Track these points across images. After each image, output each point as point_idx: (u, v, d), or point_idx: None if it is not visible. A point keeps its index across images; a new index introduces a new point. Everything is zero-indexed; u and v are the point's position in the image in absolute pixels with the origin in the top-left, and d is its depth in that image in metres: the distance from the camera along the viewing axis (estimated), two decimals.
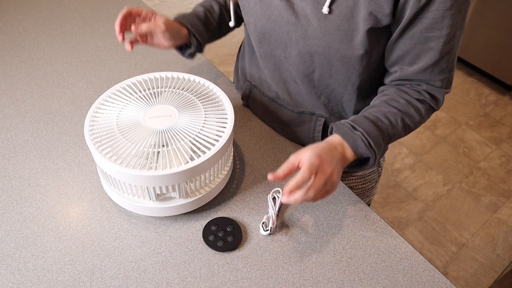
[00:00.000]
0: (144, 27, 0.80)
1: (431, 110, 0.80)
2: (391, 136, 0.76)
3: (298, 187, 0.63)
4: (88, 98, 1.01)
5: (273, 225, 0.76)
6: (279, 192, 0.81)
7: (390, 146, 2.29)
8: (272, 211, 0.77)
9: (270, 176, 0.64)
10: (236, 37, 2.96)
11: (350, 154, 0.72)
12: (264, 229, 0.75)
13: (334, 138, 0.73)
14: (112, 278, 0.69)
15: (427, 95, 0.77)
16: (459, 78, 2.71)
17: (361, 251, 0.75)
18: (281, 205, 0.81)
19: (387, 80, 0.81)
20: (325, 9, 0.71)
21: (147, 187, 0.70)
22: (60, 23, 1.26)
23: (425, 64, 0.73)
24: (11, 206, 0.79)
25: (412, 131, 0.80)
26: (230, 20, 0.94)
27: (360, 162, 0.77)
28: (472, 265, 1.79)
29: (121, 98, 0.78)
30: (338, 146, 0.71)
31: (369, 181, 1.07)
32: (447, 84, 0.77)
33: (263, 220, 0.76)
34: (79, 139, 0.92)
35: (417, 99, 0.77)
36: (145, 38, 0.87)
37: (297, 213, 0.80)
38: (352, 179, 1.03)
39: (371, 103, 0.80)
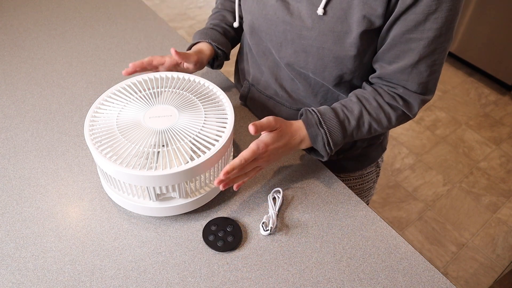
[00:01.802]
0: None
1: (404, 116, 0.80)
2: (353, 137, 0.79)
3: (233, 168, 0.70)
4: (88, 98, 1.02)
5: (273, 225, 0.76)
6: (280, 192, 0.81)
7: (390, 146, 2.29)
8: (272, 211, 0.77)
9: (251, 128, 0.69)
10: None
11: (307, 144, 0.77)
12: (264, 229, 0.75)
13: (300, 128, 0.76)
14: (112, 278, 0.70)
15: (400, 101, 0.77)
16: (459, 78, 2.71)
17: (361, 251, 0.75)
18: (281, 205, 0.81)
19: (369, 76, 0.81)
20: (320, 11, 0.71)
21: (147, 187, 0.70)
22: (60, 23, 1.26)
23: (403, 65, 0.73)
24: (11, 206, 0.79)
25: (376, 134, 0.82)
26: (234, 20, 0.95)
27: (313, 149, 0.82)
28: (472, 265, 1.79)
29: (121, 98, 0.78)
30: (297, 138, 0.76)
31: (367, 181, 1.07)
32: (425, 90, 0.76)
33: (263, 220, 0.76)
34: (79, 139, 0.92)
35: (389, 105, 0.78)
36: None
37: (297, 213, 0.80)
38: (350, 179, 1.03)
39: (349, 96, 0.81)
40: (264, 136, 0.73)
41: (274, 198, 0.81)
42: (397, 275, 0.72)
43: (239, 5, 0.90)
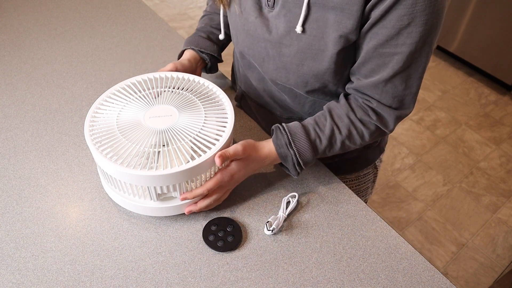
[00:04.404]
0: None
1: (379, 132, 0.78)
2: (326, 154, 0.79)
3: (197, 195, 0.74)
4: (88, 98, 1.01)
5: (276, 226, 0.75)
6: (295, 197, 0.81)
7: (390, 146, 2.29)
8: (281, 213, 0.77)
9: (217, 161, 0.70)
10: None
11: (277, 162, 0.79)
12: (267, 228, 0.75)
13: (270, 151, 0.77)
14: (112, 278, 0.69)
15: (374, 115, 0.75)
16: (459, 78, 2.71)
17: (361, 251, 0.75)
18: (293, 210, 0.80)
19: (346, 86, 0.80)
20: (299, 29, 0.71)
21: (147, 187, 0.70)
22: (60, 23, 1.26)
23: (377, 79, 0.71)
24: (11, 206, 0.79)
25: (350, 150, 0.81)
26: (220, 32, 0.96)
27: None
28: (472, 265, 1.79)
29: (121, 98, 0.78)
30: (267, 161, 0.78)
31: (364, 182, 1.07)
32: (400, 104, 0.74)
33: (268, 219, 0.76)
34: (79, 139, 0.92)
35: (361, 121, 0.76)
36: None
37: (297, 213, 0.80)
38: (346, 181, 1.03)
39: (320, 113, 0.79)
40: (232, 165, 0.75)
41: (288, 202, 0.80)
42: (397, 275, 0.72)
43: (225, 16, 0.91)
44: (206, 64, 0.98)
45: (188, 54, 0.95)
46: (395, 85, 0.72)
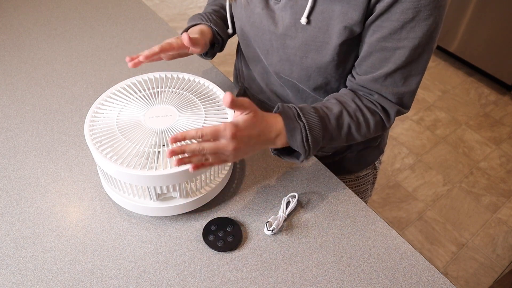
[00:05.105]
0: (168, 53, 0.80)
1: (381, 124, 0.77)
2: (332, 138, 0.72)
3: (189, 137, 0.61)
4: (88, 98, 1.01)
5: (276, 226, 0.75)
6: (295, 197, 0.81)
7: (390, 146, 2.29)
8: (281, 214, 0.77)
9: (227, 97, 0.58)
10: (236, 37, 2.96)
11: (282, 141, 0.68)
12: (267, 228, 0.75)
13: (277, 120, 0.67)
14: (112, 278, 0.69)
15: (379, 106, 0.75)
16: (459, 78, 2.71)
17: (361, 251, 0.75)
18: (293, 210, 0.80)
19: (347, 81, 0.79)
20: (303, 20, 0.71)
21: (147, 187, 0.70)
22: (60, 23, 1.26)
23: (378, 74, 0.72)
24: (11, 206, 0.79)
25: (354, 141, 0.77)
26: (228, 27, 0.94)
27: (289, 150, 0.74)
28: (472, 265, 1.79)
29: (121, 98, 0.78)
30: (273, 131, 0.66)
31: (363, 183, 1.07)
32: (400, 101, 0.74)
33: (268, 219, 0.76)
34: (79, 139, 0.92)
35: (368, 108, 0.74)
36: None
37: (297, 213, 0.80)
38: (346, 181, 1.03)
39: (324, 100, 0.77)
40: (236, 119, 0.63)
41: (288, 202, 0.80)
42: (397, 275, 0.72)
43: (231, 10, 0.90)
44: (211, 47, 0.91)
45: (205, 29, 0.87)
46: (395, 81, 0.72)
